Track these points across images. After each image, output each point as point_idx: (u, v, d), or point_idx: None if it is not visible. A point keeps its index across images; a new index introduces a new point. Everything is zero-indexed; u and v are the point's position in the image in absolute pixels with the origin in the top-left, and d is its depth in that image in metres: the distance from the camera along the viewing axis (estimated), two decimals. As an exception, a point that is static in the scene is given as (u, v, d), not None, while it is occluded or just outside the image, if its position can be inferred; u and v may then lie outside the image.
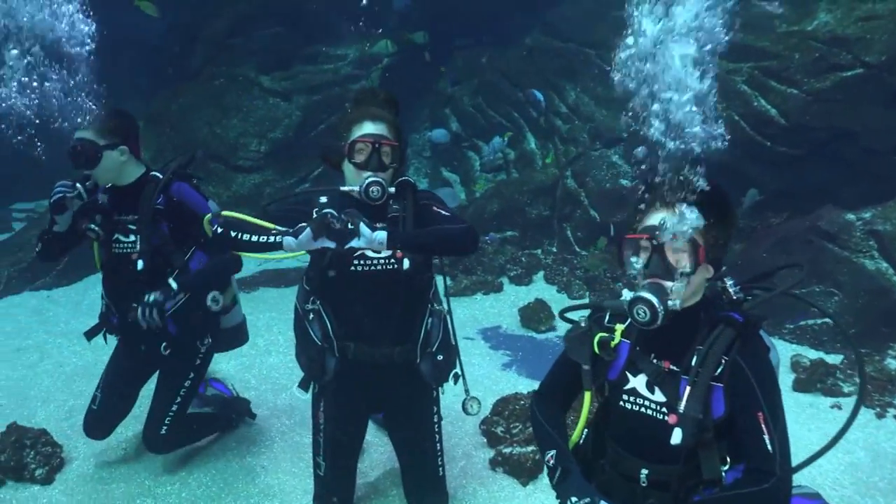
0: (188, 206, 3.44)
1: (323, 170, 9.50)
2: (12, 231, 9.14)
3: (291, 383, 4.74)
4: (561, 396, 2.49)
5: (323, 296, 2.91)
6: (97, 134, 3.31)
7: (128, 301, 3.46)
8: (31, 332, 5.86)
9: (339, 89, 9.82)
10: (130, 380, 3.77)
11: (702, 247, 1.99)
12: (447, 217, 2.89)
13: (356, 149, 2.78)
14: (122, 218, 3.42)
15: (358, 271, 2.82)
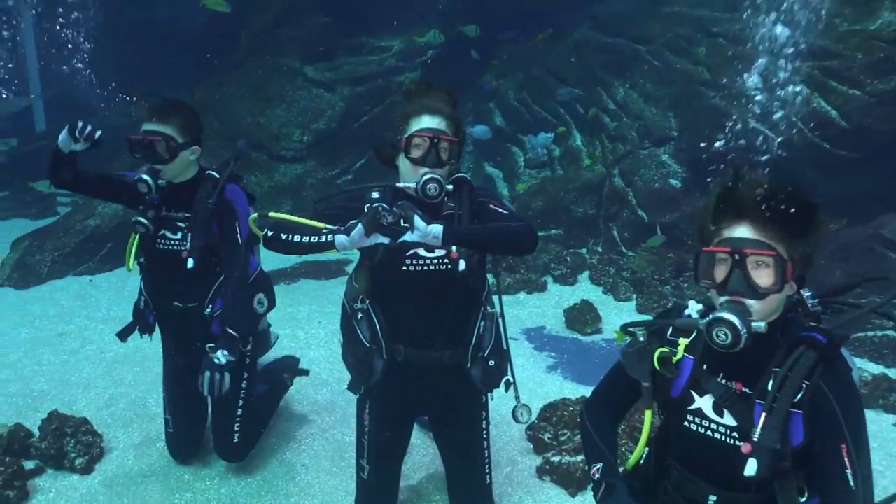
0: (235, 209, 3.36)
1: (366, 161, 9.45)
2: (57, 215, 9.25)
3: (332, 379, 4.71)
4: (613, 407, 2.36)
5: (373, 295, 2.79)
6: (177, 131, 3.22)
7: (169, 298, 3.40)
8: (74, 317, 5.87)
9: (382, 81, 9.76)
10: (195, 401, 3.64)
11: (789, 263, 1.83)
12: (505, 215, 2.75)
13: (413, 143, 2.66)
14: (172, 214, 3.33)
15: (410, 271, 2.71)
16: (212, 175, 3.34)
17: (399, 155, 2.72)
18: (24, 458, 3.67)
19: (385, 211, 2.43)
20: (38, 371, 4.89)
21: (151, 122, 3.19)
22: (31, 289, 6.58)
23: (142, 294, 3.51)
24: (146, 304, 3.50)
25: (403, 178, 2.73)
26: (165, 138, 3.18)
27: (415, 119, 2.69)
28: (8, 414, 4.28)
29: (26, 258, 6.76)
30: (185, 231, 3.30)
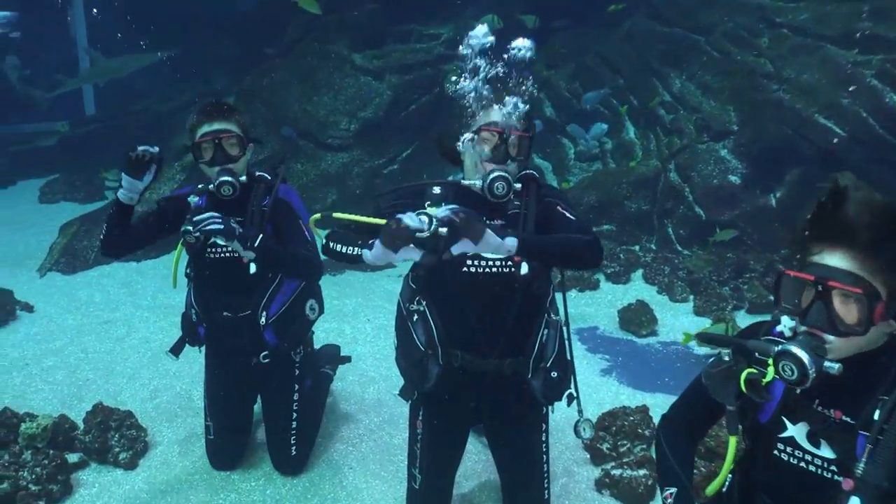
0: (293, 208, 3.23)
1: (412, 151, 9.31)
2: (105, 199, 9.28)
3: (379, 376, 4.58)
4: (693, 426, 2.19)
5: (430, 297, 2.64)
6: (239, 128, 3.13)
7: (219, 309, 3.26)
8: (120, 305, 5.84)
9: (431, 70, 9.59)
10: (239, 408, 3.55)
11: (882, 302, 1.62)
12: (572, 221, 2.56)
13: (481, 138, 2.49)
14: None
15: (471, 273, 2.54)
16: (263, 177, 3.21)
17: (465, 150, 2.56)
18: (67, 451, 3.61)
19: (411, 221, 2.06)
20: (84, 359, 4.84)
21: (215, 121, 3.07)
22: (78, 274, 6.57)
23: (192, 307, 3.35)
24: (198, 316, 3.34)
25: (468, 174, 2.57)
26: (235, 135, 3.08)
27: (483, 111, 2.52)
28: (53, 403, 4.24)
29: (74, 243, 6.76)
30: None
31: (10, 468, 3.33)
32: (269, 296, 3.26)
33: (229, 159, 3.07)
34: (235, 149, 3.10)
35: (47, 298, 5.94)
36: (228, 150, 3.07)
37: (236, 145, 3.10)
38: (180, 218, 3.14)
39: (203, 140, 3.06)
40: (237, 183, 3.04)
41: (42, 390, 4.42)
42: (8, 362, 4.83)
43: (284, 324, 3.32)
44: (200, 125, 3.09)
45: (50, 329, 5.35)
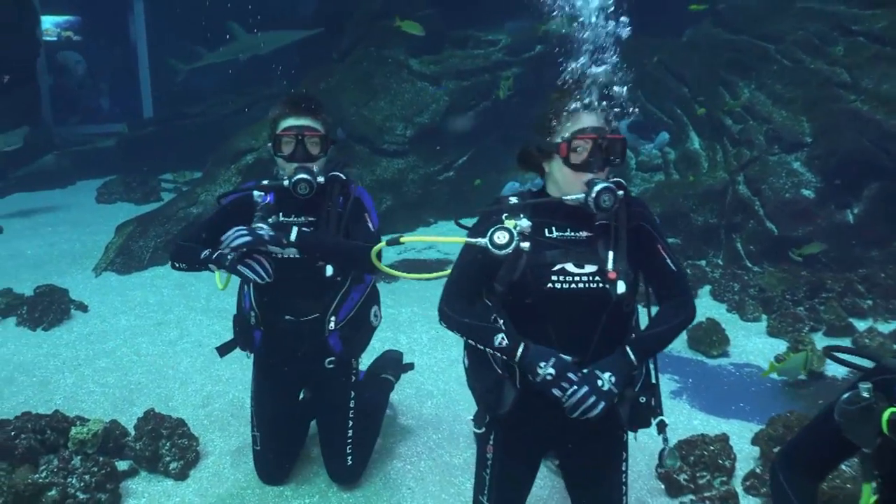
0: (365, 208, 3.08)
1: (469, 157, 9.14)
2: (161, 200, 9.31)
3: (437, 391, 4.39)
4: (817, 466, 1.95)
5: (508, 315, 2.43)
6: (324, 126, 3.00)
7: (281, 312, 3.09)
8: (173, 307, 5.76)
9: (488, 76, 9.44)
10: (289, 417, 3.38)
11: None
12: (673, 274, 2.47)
13: (574, 147, 2.28)
14: (293, 220, 3.05)
15: (556, 289, 2.33)
16: (338, 177, 3.06)
17: (551, 160, 2.36)
18: (117, 458, 3.49)
19: None
20: (136, 361, 4.76)
21: (301, 116, 2.94)
22: (133, 274, 6.54)
23: (252, 309, 3.16)
24: (256, 319, 3.16)
25: (560, 186, 2.36)
26: (319, 134, 2.94)
27: (572, 118, 2.31)
28: (104, 406, 4.15)
29: (130, 243, 6.73)
30: None
31: (59, 474, 3.21)
32: (339, 300, 3.10)
33: (309, 157, 2.95)
34: (317, 147, 2.97)
35: (101, 298, 5.90)
36: (310, 148, 2.95)
37: (318, 144, 2.97)
38: (247, 216, 3.01)
39: (285, 133, 2.94)
40: (314, 182, 2.91)
41: (94, 392, 4.34)
42: (60, 362, 4.78)
43: (350, 330, 3.16)
44: (285, 117, 2.97)
45: (103, 329, 5.29)
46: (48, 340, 5.11)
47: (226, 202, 3.12)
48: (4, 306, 5.50)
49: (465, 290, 2.48)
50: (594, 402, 2.22)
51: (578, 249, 2.36)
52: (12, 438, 3.31)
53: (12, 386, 4.44)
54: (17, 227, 8.10)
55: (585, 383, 2.23)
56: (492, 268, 2.39)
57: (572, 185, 2.31)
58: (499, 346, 2.30)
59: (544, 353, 2.27)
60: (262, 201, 2.99)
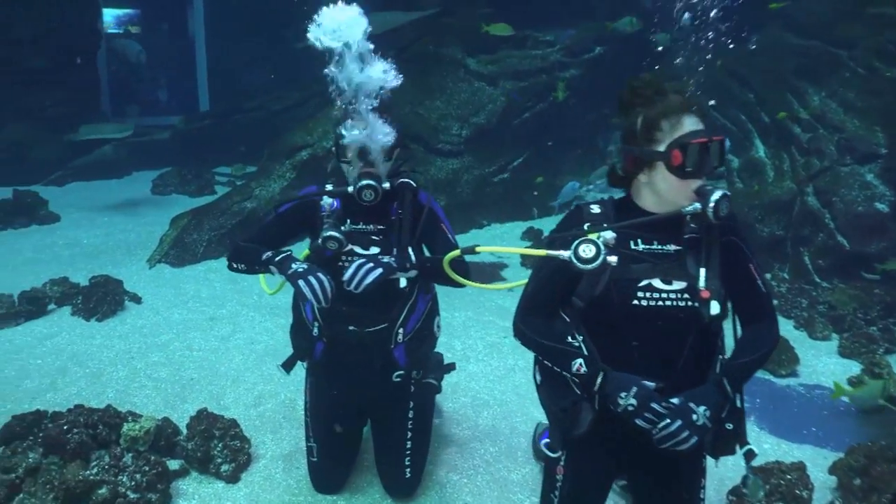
0: (439, 217, 2.93)
1: (524, 160, 8.98)
2: (215, 193, 9.34)
3: (494, 400, 4.24)
4: None
5: (588, 332, 2.27)
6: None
7: (345, 323, 2.94)
8: (226, 301, 5.71)
9: (546, 77, 9.28)
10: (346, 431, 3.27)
11: None
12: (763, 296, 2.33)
13: (689, 152, 2.10)
14: (363, 227, 2.92)
15: (643, 307, 2.17)
16: (408, 184, 2.92)
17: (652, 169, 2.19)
18: (168, 457, 3.42)
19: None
20: (189, 357, 4.71)
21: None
22: (186, 267, 6.53)
23: (316, 320, 3.01)
24: (320, 329, 3.01)
25: (664, 196, 2.19)
26: None
27: (676, 121, 2.14)
28: (156, 401, 4.10)
29: (184, 236, 6.72)
30: (381, 246, 2.89)
31: (110, 471, 3.15)
32: (408, 311, 2.97)
33: (374, 162, 2.81)
34: (385, 155, 2.83)
35: (155, 291, 5.89)
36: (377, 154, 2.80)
37: (384, 152, 2.82)
38: (310, 221, 2.89)
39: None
40: (380, 188, 2.77)
41: (146, 387, 4.29)
42: (114, 354, 4.75)
43: (415, 341, 3.03)
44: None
45: (156, 322, 5.27)
46: (102, 331, 5.10)
47: (284, 209, 3.00)
48: (60, 295, 5.52)
49: (542, 306, 2.34)
50: (686, 437, 2.07)
51: (666, 264, 2.20)
52: (65, 432, 3.26)
53: (66, 377, 4.43)
54: (74, 216, 8.18)
55: (679, 417, 2.07)
56: (572, 281, 2.24)
57: (679, 194, 2.15)
58: (576, 372, 2.18)
59: (625, 381, 2.14)
60: (331, 208, 2.86)
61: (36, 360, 4.66)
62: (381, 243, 2.89)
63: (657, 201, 2.22)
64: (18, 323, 5.21)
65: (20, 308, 5.29)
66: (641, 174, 2.22)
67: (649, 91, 2.24)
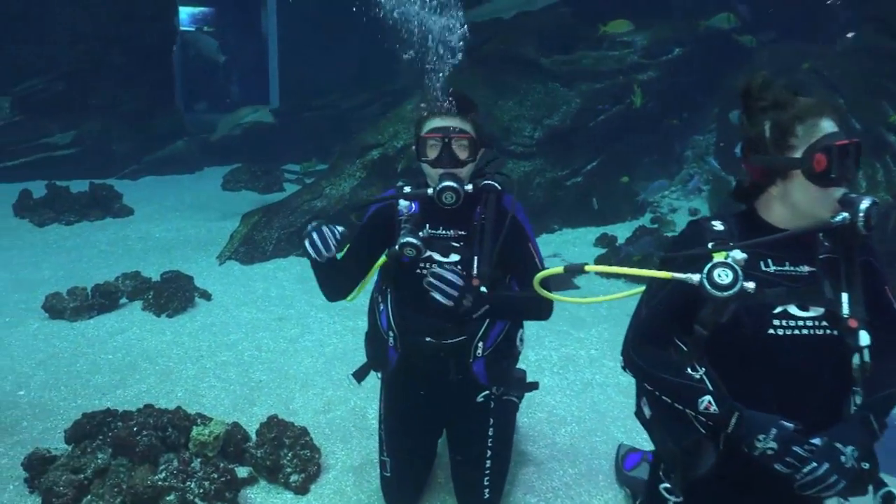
0: (525, 231, 2.73)
1: (598, 164, 8.71)
2: (284, 191, 9.33)
3: (572, 417, 4.02)
4: None
5: (714, 363, 2.01)
6: (475, 129, 2.65)
7: (422, 333, 2.74)
8: (294, 301, 5.63)
9: (623, 78, 8.97)
10: (421, 444, 3.10)
11: None
12: None
13: (833, 156, 1.86)
14: (442, 233, 2.73)
15: (778, 336, 1.93)
16: (492, 186, 2.72)
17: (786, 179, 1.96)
18: (237, 464, 3.32)
19: None
20: (257, 357, 4.63)
21: (448, 117, 2.62)
22: (255, 265, 6.48)
23: (391, 329, 2.82)
24: (395, 340, 2.83)
25: (802, 208, 1.95)
26: (468, 136, 2.61)
27: (809, 126, 1.91)
28: (225, 403, 4.02)
29: (254, 233, 6.69)
30: (461, 253, 2.71)
31: (178, 477, 3.06)
32: (489, 322, 2.77)
33: (456, 162, 2.60)
34: (465, 152, 2.62)
35: (225, 288, 5.85)
36: (457, 153, 2.60)
37: (467, 148, 2.62)
38: (390, 228, 2.73)
39: (430, 136, 2.61)
40: (462, 191, 2.56)
41: (214, 387, 4.22)
42: (183, 351, 4.70)
43: (498, 356, 2.83)
44: (431, 118, 2.65)
45: (225, 321, 5.21)
46: (172, 328, 5.07)
47: (366, 219, 2.83)
48: (132, 289, 5.52)
49: (657, 334, 2.09)
50: (835, 482, 1.83)
51: (801, 288, 1.96)
52: (134, 434, 3.18)
53: (135, 373, 4.39)
54: (147, 210, 8.26)
55: (826, 459, 1.84)
56: (693, 307, 2.00)
57: (821, 205, 1.91)
58: (704, 410, 1.93)
59: (763, 422, 1.89)
60: (409, 211, 2.69)
61: (107, 354, 4.64)
62: (461, 250, 2.69)
63: (790, 216, 1.98)
64: (91, 316, 5.23)
65: (93, 301, 5.30)
66: (773, 186, 1.98)
67: (776, 94, 2.01)
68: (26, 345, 4.77)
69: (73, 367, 4.45)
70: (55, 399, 4.08)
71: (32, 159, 9.52)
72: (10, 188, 8.46)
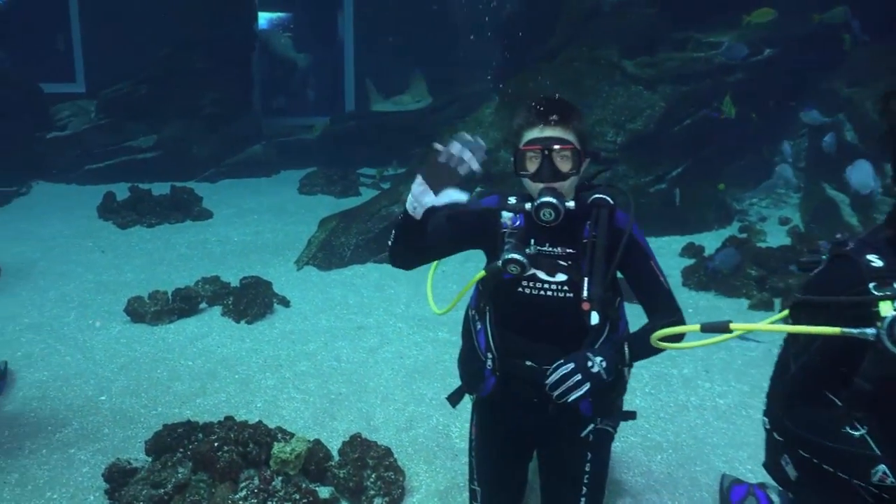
0: (644, 249, 2.49)
1: (683, 170, 8.36)
2: (360, 195, 9.28)
3: (667, 443, 3.76)
4: None
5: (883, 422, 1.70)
6: (578, 139, 2.40)
7: (521, 357, 2.51)
8: (373, 310, 5.52)
9: (710, 81, 8.60)
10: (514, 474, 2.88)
11: None
12: None
13: None
14: (549, 250, 2.49)
15: None
16: (604, 200, 2.47)
17: None
18: (319, 483, 3.19)
19: None
20: (336, 368, 4.52)
21: (548, 126, 2.39)
22: (333, 271, 6.40)
23: (490, 351, 2.58)
24: (493, 362, 2.58)
25: None
26: (571, 147, 2.38)
27: None
28: (305, 416, 3.92)
29: (332, 239, 6.61)
30: (569, 273, 2.49)
31: (259, 495, 2.95)
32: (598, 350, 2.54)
33: (557, 176, 2.37)
34: (568, 164, 2.38)
35: (303, 294, 5.78)
36: (559, 165, 2.36)
37: (569, 160, 2.37)
38: (488, 236, 2.53)
39: (530, 147, 2.38)
40: (562, 207, 2.32)
41: (294, 399, 4.12)
42: (262, 360, 4.63)
43: (606, 390, 2.59)
44: (530, 128, 2.41)
45: (304, 329, 5.13)
46: (251, 335, 5.02)
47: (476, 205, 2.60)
48: (211, 294, 5.50)
49: (809, 392, 1.80)
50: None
51: None
52: (215, 450, 3.09)
53: (215, 381, 4.33)
54: (225, 213, 8.31)
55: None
56: (854, 357, 1.70)
57: None
58: (879, 482, 1.63)
59: None
60: (513, 224, 2.48)
61: (187, 361, 4.61)
62: (569, 270, 2.46)
63: None
64: (171, 320, 5.22)
65: (174, 305, 5.30)
66: None
67: None
68: (108, 348, 4.79)
69: (154, 374, 4.43)
70: (136, 406, 4.05)
71: (116, 162, 9.74)
72: (95, 190, 8.64)
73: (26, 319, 5.17)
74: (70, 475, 3.41)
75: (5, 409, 4.03)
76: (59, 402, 4.10)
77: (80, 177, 9.60)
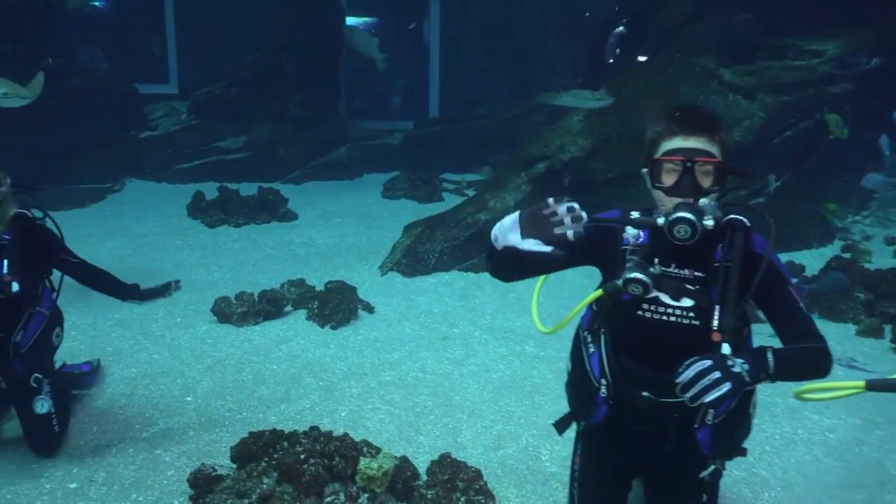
0: (782, 274, 2.25)
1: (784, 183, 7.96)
2: (442, 200, 9.18)
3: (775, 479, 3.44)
4: None
5: None
6: (721, 151, 2.21)
7: (638, 386, 2.33)
8: (458, 320, 5.39)
9: (812, 91, 8.20)
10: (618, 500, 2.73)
11: None
12: None
13: None
14: (675, 272, 2.29)
15: None
16: (740, 221, 2.24)
17: None
18: (405, 502, 3.07)
19: None
20: (422, 380, 4.40)
21: (692, 136, 2.18)
22: (417, 278, 6.31)
23: (604, 377, 2.40)
24: (608, 389, 2.41)
25: None
26: (714, 161, 2.17)
27: None
28: (390, 429, 3.81)
29: (417, 246, 6.52)
30: (697, 298, 2.26)
31: (346, 512, 2.85)
32: None
33: (698, 191, 2.17)
34: (709, 179, 2.17)
35: (387, 301, 5.70)
36: (700, 180, 2.15)
37: (712, 174, 2.17)
38: (606, 252, 2.34)
39: (669, 158, 2.19)
40: (699, 226, 2.11)
41: (379, 409, 4.02)
42: (347, 367, 4.56)
43: (730, 425, 2.37)
44: (670, 137, 2.21)
45: (389, 336, 5.04)
46: (335, 340, 4.96)
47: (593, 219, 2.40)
48: (297, 297, 5.48)
49: None
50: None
51: None
52: (301, 462, 3.01)
53: (300, 387, 4.28)
54: (309, 214, 8.34)
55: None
56: None
57: None
58: None
59: None
60: (636, 241, 2.29)
61: (272, 364, 4.58)
62: (697, 295, 2.24)
63: None
64: (257, 322, 5.22)
65: (259, 307, 5.29)
66: None
67: None
68: (195, 348, 4.80)
69: (239, 376, 4.41)
70: (221, 409, 4.03)
71: (205, 162, 9.92)
72: (185, 189, 8.81)
73: (116, 315, 5.24)
74: (155, 477, 3.39)
75: (95, 405, 4.07)
76: (146, 401, 4.11)
77: (171, 175, 9.81)
